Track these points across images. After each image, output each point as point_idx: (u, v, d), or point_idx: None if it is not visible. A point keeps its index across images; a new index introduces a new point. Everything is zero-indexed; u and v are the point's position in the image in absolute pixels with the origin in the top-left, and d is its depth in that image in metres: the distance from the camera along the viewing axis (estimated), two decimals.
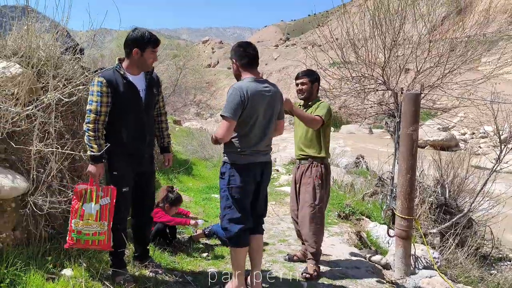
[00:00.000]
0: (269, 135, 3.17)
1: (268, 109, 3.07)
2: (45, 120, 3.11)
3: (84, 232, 2.85)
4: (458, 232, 5.63)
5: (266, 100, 3.04)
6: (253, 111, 2.99)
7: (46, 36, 3.71)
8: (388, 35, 6.01)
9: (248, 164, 3.06)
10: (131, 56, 2.99)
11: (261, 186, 3.23)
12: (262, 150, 3.13)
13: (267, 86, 3.09)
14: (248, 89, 2.95)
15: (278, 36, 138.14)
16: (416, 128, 4.07)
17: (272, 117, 3.14)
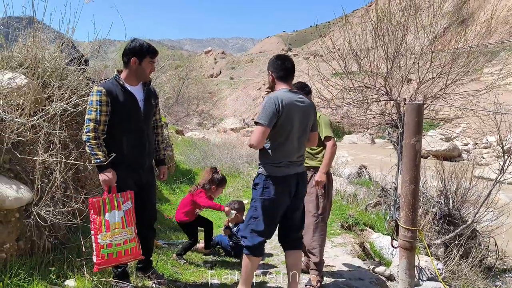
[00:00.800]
0: (304, 146, 3.19)
1: (303, 120, 3.09)
2: (50, 130, 3.13)
3: (115, 243, 2.79)
4: (462, 243, 5.60)
5: (301, 110, 3.06)
6: (288, 121, 3.00)
7: (52, 47, 3.75)
8: (391, 46, 6.04)
9: (284, 176, 3.05)
10: (130, 66, 3.00)
11: (297, 198, 3.19)
12: (297, 161, 3.14)
13: (301, 98, 3.12)
14: (283, 99, 2.97)
15: (280, 46, 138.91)
16: (419, 139, 4.06)
17: (307, 128, 3.16)
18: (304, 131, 3.14)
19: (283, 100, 2.96)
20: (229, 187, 8.69)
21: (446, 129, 7.59)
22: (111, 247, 2.77)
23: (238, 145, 14.39)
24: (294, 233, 3.26)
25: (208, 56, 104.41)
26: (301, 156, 3.19)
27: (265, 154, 3.08)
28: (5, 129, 2.88)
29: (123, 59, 3.05)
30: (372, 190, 8.88)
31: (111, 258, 2.77)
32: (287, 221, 3.22)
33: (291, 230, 3.25)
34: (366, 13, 7.11)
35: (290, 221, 3.23)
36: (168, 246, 4.31)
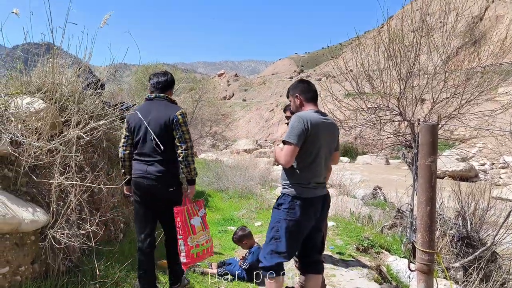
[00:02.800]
0: (327, 166, 3.22)
1: (329, 139, 3.14)
2: (66, 153, 3.18)
3: (200, 243, 3.42)
4: (482, 266, 5.44)
5: (327, 130, 3.12)
6: (316, 140, 3.03)
7: (69, 72, 3.84)
8: (403, 66, 6.04)
9: (312, 198, 3.05)
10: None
11: (321, 219, 3.21)
12: (323, 182, 3.16)
13: (328, 118, 3.19)
14: (312, 119, 3.02)
15: (292, 68, 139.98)
16: (435, 159, 4.01)
17: (332, 148, 3.20)
18: (330, 151, 3.18)
19: (311, 119, 3.01)
20: (242, 209, 8.65)
21: (462, 149, 7.48)
22: (198, 247, 3.40)
23: (251, 166, 14.39)
24: (315, 254, 3.25)
25: (221, 79, 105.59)
26: (325, 178, 3.21)
27: (293, 174, 3.06)
28: (22, 152, 2.93)
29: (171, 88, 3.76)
30: (388, 212, 8.73)
31: (198, 256, 3.42)
32: (309, 242, 3.20)
33: (313, 251, 3.25)
34: (378, 34, 7.14)
35: (313, 242, 3.22)
36: None
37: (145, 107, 3.55)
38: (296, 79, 70.89)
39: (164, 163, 3.37)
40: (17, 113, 3.13)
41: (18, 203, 2.83)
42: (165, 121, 3.37)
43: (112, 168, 4.25)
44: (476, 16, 48.18)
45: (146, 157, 3.40)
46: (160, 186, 3.34)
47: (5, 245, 2.65)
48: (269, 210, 8.94)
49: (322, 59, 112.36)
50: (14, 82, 3.63)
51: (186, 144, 3.36)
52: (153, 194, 3.38)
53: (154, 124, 3.38)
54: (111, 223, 4.11)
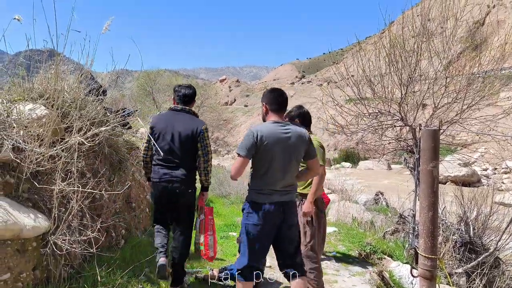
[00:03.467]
0: (289, 175, 3.22)
1: (286, 151, 3.15)
2: (67, 160, 3.19)
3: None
4: (485, 272, 5.41)
5: (283, 142, 3.14)
6: (268, 151, 3.11)
7: (71, 78, 3.86)
8: (404, 72, 6.05)
9: (265, 203, 3.15)
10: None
11: (286, 227, 3.25)
12: (280, 190, 3.19)
13: (288, 129, 3.20)
14: (263, 131, 3.13)
15: (294, 74, 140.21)
16: (436, 165, 4.00)
17: (292, 159, 3.19)
18: (289, 161, 3.19)
19: (263, 132, 3.12)
20: None
21: (464, 155, 7.45)
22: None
23: None
24: (288, 260, 3.31)
25: (223, 85, 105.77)
26: (288, 186, 3.24)
27: (251, 181, 3.27)
28: (24, 159, 2.94)
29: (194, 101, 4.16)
30: (390, 217, 8.71)
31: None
32: (279, 250, 3.33)
33: (285, 257, 3.32)
34: (379, 39, 7.15)
35: (283, 249, 3.32)
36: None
37: (171, 117, 3.93)
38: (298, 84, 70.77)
39: (186, 169, 3.83)
40: (19, 120, 3.14)
41: (19, 209, 2.83)
42: (192, 132, 3.80)
43: (113, 174, 4.25)
44: (477, 21, 48.31)
45: (171, 163, 3.80)
46: (182, 187, 3.81)
47: (7, 251, 2.65)
48: None
49: (323, 65, 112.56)
50: (17, 89, 3.65)
51: (208, 156, 3.89)
52: (175, 195, 3.79)
53: (181, 134, 3.79)
54: (113, 229, 4.11)
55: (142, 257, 4.12)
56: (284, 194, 3.21)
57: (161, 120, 3.96)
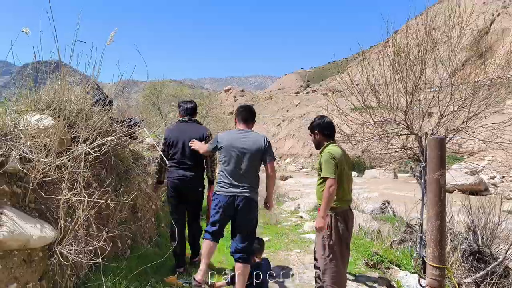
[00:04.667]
0: (244, 173, 4.07)
1: (240, 152, 4.07)
2: (74, 169, 3.20)
3: None
4: (495, 282, 5.33)
5: (239, 145, 4.09)
6: (227, 152, 4.11)
7: (78, 89, 3.89)
8: (409, 80, 6.03)
9: (221, 194, 4.09)
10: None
11: (236, 219, 4.13)
12: (235, 184, 4.06)
13: (247, 136, 4.18)
14: (224, 136, 4.24)
15: (299, 83, 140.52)
16: (443, 173, 3.98)
17: (245, 159, 4.07)
18: (244, 161, 4.07)
19: (224, 136, 4.22)
20: None
21: (471, 163, 7.40)
22: None
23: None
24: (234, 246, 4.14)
25: (228, 94, 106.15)
26: (243, 182, 4.07)
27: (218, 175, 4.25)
28: (31, 169, 2.95)
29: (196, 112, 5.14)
30: (397, 226, 8.63)
31: None
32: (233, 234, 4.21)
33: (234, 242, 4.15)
34: (384, 48, 7.16)
35: (235, 235, 4.16)
36: (189, 285, 4.25)
37: (181, 127, 4.93)
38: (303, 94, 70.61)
39: (196, 169, 4.80)
40: (26, 130, 3.17)
41: (26, 220, 2.84)
42: (199, 137, 4.75)
43: (119, 184, 4.26)
44: (482, 29, 48.29)
45: (183, 165, 4.74)
46: (193, 185, 4.78)
47: (13, 261, 2.65)
48: (276, 225, 8.87)
49: (328, 74, 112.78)
50: (24, 100, 3.69)
51: (213, 156, 4.81)
52: (189, 189, 4.78)
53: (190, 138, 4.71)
54: (119, 239, 4.10)
55: (148, 267, 4.11)
56: (237, 187, 4.06)
57: (173, 131, 4.94)
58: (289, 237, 7.56)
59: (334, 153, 3.87)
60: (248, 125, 4.34)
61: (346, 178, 3.96)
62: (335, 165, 3.81)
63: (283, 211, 10.77)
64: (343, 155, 3.99)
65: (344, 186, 3.93)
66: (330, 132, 4.18)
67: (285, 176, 26.33)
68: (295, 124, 62.83)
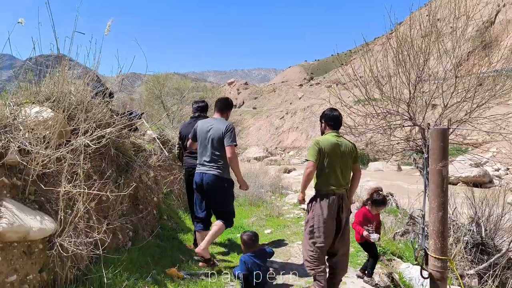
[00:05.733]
0: (209, 153, 4.77)
1: (206, 136, 4.79)
2: (73, 162, 3.19)
3: None
4: (498, 274, 5.31)
5: (205, 130, 4.83)
6: (199, 136, 4.89)
7: (77, 81, 3.87)
8: (413, 71, 5.97)
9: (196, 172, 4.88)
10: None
11: (210, 195, 4.81)
12: (203, 164, 4.81)
13: (212, 124, 4.88)
14: (199, 123, 5.00)
15: (302, 75, 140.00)
16: (446, 164, 3.94)
17: (209, 141, 4.77)
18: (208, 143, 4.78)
19: (198, 124, 5.00)
20: (252, 216, 8.61)
21: (475, 154, 7.34)
22: None
23: (262, 174, 14.34)
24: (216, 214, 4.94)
25: (231, 87, 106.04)
26: (209, 162, 4.76)
27: None
28: (31, 161, 2.95)
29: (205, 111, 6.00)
30: (400, 219, 8.60)
31: None
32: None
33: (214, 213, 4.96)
34: (387, 40, 7.08)
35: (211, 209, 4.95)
36: (190, 276, 4.25)
37: (193, 123, 5.52)
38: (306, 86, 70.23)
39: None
40: (26, 122, 3.16)
41: (26, 212, 2.83)
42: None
43: (120, 176, 4.25)
44: (487, 20, 47.77)
45: (194, 154, 5.34)
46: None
47: (13, 253, 2.65)
48: (279, 217, 8.87)
49: (331, 66, 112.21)
50: (24, 92, 3.67)
51: None
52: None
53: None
54: (119, 231, 4.10)
55: (149, 259, 4.12)
56: (205, 166, 4.78)
57: (185, 126, 5.93)
58: (291, 229, 7.56)
59: (320, 141, 4.22)
60: (222, 114, 5.05)
61: (331, 165, 4.19)
62: (317, 151, 4.16)
63: (285, 204, 10.76)
64: (334, 144, 4.21)
65: (327, 172, 4.19)
66: (334, 124, 4.40)
67: (288, 169, 26.30)
68: (298, 116, 62.67)
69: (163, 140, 7.09)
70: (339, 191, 4.21)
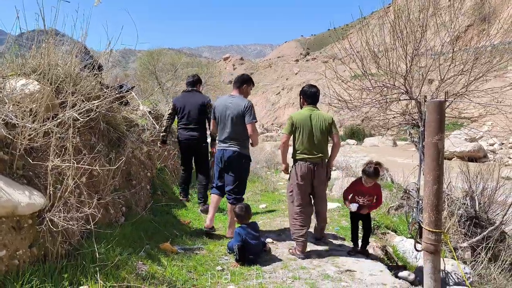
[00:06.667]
0: (229, 130, 4.92)
1: (226, 113, 4.92)
2: (62, 135, 3.11)
3: None
4: (491, 246, 5.35)
5: (226, 107, 4.94)
6: (218, 114, 5.01)
7: (65, 53, 3.75)
8: (410, 44, 5.86)
9: (218, 149, 5.08)
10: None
11: (225, 168, 5.02)
12: (223, 140, 4.99)
13: (231, 100, 4.98)
14: (217, 100, 5.22)
15: (299, 51, 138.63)
16: (442, 137, 3.90)
17: (228, 118, 4.90)
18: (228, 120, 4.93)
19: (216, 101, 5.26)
20: (247, 192, 8.61)
21: (471, 128, 7.28)
22: None
23: (257, 150, 14.32)
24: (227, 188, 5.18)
25: (226, 63, 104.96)
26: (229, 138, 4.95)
27: None
28: (17, 135, 2.87)
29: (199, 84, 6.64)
30: (395, 193, 8.64)
31: None
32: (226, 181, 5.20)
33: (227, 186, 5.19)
34: (385, 14, 6.92)
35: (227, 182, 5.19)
36: (184, 251, 4.25)
37: (185, 96, 6.32)
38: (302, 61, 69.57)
39: (200, 129, 6.17)
40: (12, 95, 3.06)
41: (14, 186, 2.77)
42: (200, 104, 6.13)
43: (112, 151, 4.18)
44: None
45: (189, 126, 6.12)
46: (198, 142, 6.18)
47: (1, 228, 2.60)
48: (274, 192, 8.88)
49: (328, 41, 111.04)
50: (10, 65, 3.56)
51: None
52: (195, 145, 6.17)
53: (194, 106, 6.13)
54: (112, 206, 4.06)
55: (142, 234, 4.10)
56: (225, 143, 4.97)
57: (179, 99, 6.38)
58: (286, 203, 7.57)
59: (293, 116, 4.79)
60: (239, 90, 5.10)
61: (303, 136, 4.68)
62: (290, 124, 4.73)
63: (281, 179, 10.78)
64: (307, 118, 4.70)
65: (299, 142, 4.71)
66: (311, 100, 4.90)
67: None
68: (294, 92, 62.35)
69: (156, 115, 7.00)
70: (312, 159, 4.67)
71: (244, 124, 4.85)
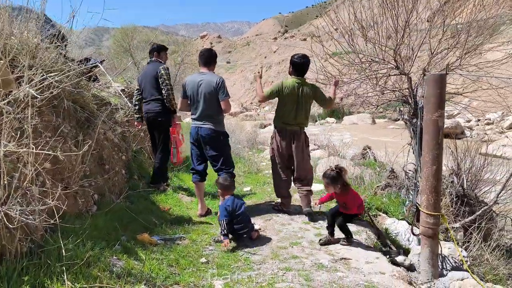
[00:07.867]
0: (203, 108, 4.89)
1: (198, 91, 4.88)
2: (17, 116, 2.67)
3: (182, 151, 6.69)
4: (482, 226, 5.19)
5: (197, 85, 4.89)
6: (190, 92, 4.96)
7: (20, 21, 3.26)
8: (401, 17, 5.53)
9: (192, 126, 5.03)
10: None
11: (201, 145, 5.00)
12: (196, 119, 4.96)
13: (202, 77, 4.93)
14: (188, 79, 5.11)
15: (277, 28, 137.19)
16: (442, 114, 3.62)
17: (201, 96, 4.86)
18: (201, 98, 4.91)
19: (187, 79, 5.12)
20: None
21: (455, 103, 7.06)
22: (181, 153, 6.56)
23: (237, 130, 13.95)
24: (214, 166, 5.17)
25: (204, 41, 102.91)
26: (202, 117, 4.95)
27: None
28: None
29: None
30: (379, 172, 8.44)
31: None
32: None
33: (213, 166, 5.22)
34: None
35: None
36: (164, 242, 3.88)
37: (145, 69, 6.08)
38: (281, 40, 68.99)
39: (155, 102, 5.76)
40: None
41: None
42: (154, 75, 5.71)
43: (80, 133, 3.74)
44: None
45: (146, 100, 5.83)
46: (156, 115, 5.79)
47: None
48: (257, 174, 8.57)
49: (306, 19, 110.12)
50: None
51: (166, 88, 5.68)
52: (153, 119, 5.80)
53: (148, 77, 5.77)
54: (82, 194, 3.64)
55: (117, 224, 3.71)
56: (199, 120, 4.95)
57: (141, 73, 6.17)
58: (271, 186, 7.27)
59: (284, 82, 5.08)
60: (209, 67, 5.05)
61: (286, 105, 5.03)
62: (276, 89, 5.06)
63: (263, 159, 10.46)
64: (293, 89, 4.98)
65: (282, 111, 5.09)
66: (298, 71, 5.09)
67: (264, 124, 25.93)
68: (273, 70, 61.78)
69: (131, 93, 6.51)
70: (291, 128, 5.08)
71: (217, 100, 4.86)
